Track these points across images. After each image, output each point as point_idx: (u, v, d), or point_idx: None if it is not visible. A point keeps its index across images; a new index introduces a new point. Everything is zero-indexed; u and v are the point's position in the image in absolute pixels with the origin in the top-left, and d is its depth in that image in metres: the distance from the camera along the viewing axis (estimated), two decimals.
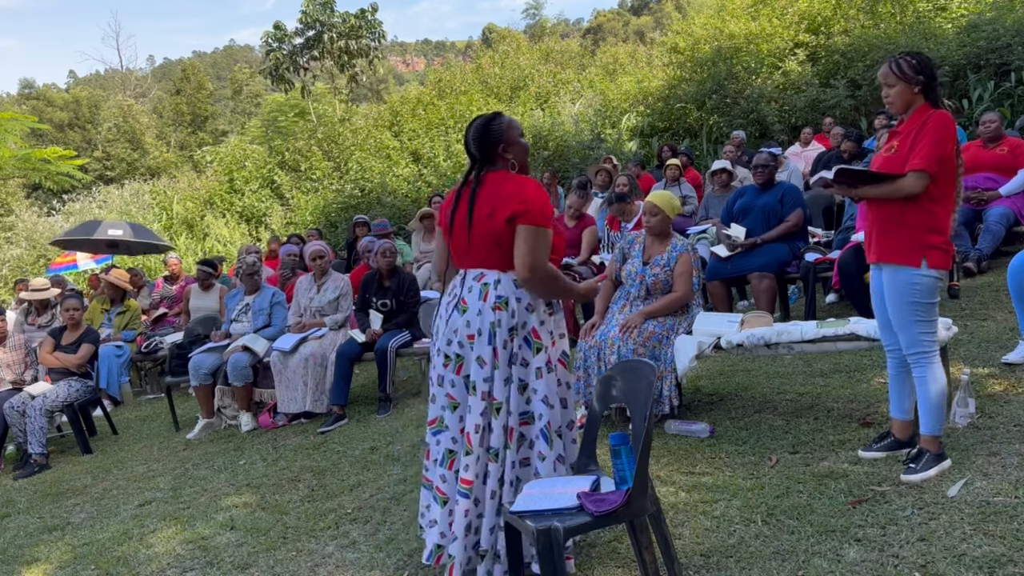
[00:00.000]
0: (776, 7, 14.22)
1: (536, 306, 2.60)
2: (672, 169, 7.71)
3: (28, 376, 6.08)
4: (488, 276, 2.59)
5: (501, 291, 2.56)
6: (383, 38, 22.23)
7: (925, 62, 2.85)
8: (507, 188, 2.53)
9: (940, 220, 2.82)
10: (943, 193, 2.81)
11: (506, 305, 2.55)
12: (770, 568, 2.43)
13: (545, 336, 2.60)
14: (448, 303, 2.68)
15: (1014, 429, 3.14)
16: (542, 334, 2.59)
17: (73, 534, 4.01)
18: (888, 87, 2.88)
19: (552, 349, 2.62)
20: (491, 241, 2.55)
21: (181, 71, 48.10)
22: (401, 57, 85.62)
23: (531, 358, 2.57)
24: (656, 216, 4.23)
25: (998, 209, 5.64)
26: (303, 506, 3.80)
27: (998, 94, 10.68)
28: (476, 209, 2.57)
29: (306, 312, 5.93)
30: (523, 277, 2.52)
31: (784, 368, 4.70)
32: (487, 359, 2.54)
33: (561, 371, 2.66)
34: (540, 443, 2.56)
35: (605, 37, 47.39)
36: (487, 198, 2.56)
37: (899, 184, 2.78)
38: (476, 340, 2.56)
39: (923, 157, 2.74)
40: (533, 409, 2.57)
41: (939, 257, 2.82)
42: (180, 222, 18.07)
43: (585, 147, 14.56)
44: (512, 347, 2.55)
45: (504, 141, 2.61)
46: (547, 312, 2.64)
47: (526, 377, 2.58)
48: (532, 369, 2.57)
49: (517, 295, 2.57)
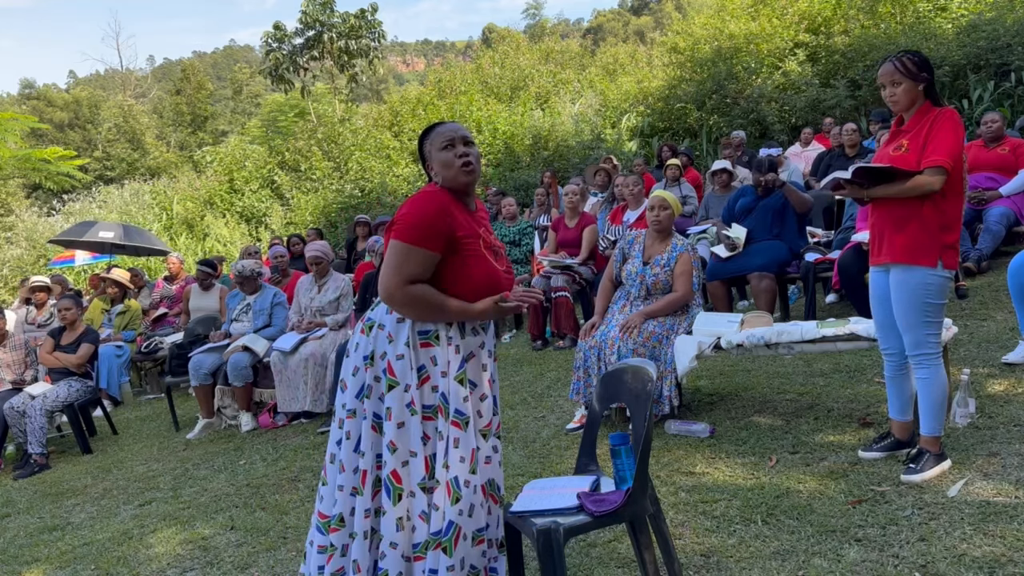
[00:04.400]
0: (776, 7, 14.22)
1: (397, 336, 2.22)
2: (672, 169, 7.72)
3: (28, 376, 6.08)
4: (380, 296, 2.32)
5: (374, 313, 2.30)
6: (383, 38, 22.23)
7: (926, 60, 2.85)
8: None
9: (952, 218, 2.80)
10: (954, 190, 2.79)
11: (369, 330, 2.28)
12: (770, 568, 2.43)
13: (405, 374, 2.19)
14: None
15: (1014, 429, 3.14)
16: (398, 370, 2.20)
17: (73, 534, 4.01)
18: (894, 85, 2.84)
19: (417, 390, 2.19)
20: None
21: (181, 71, 48.10)
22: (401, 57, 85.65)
23: (384, 394, 2.21)
24: (666, 211, 4.24)
25: (998, 209, 5.64)
26: (303, 506, 3.80)
27: (998, 94, 10.69)
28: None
29: (306, 312, 5.94)
30: (383, 300, 2.23)
31: (784, 368, 4.70)
32: (347, 383, 2.30)
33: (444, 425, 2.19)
34: (383, 495, 2.19)
35: (605, 37, 47.41)
36: None
37: (918, 181, 2.74)
38: (345, 361, 2.34)
39: (942, 152, 2.71)
40: (381, 453, 2.22)
41: (952, 256, 2.81)
42: (180, 222, 18.06)
43: (585, 147, 14.56)
44: (364, 377, 2.25)
45: (426, 156, 2.35)
46: (416, 345, 2.22)
47: (379, 415, 2.24)
48: (383, 408, 2.22)
49: (383, 320, 2.26)
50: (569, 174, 12.44)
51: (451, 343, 2.25)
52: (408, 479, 2.18)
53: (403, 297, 2.17)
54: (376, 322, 2.28)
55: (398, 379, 2.20)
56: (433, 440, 2.21)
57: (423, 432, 2.20)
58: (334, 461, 2.31)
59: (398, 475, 2.17)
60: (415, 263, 2.17)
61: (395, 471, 2.17)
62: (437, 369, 2.24)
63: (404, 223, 2.19)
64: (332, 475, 2.31)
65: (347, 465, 2.27)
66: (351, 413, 2.28)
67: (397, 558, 2.16)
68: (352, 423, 2.28)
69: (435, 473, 2.18)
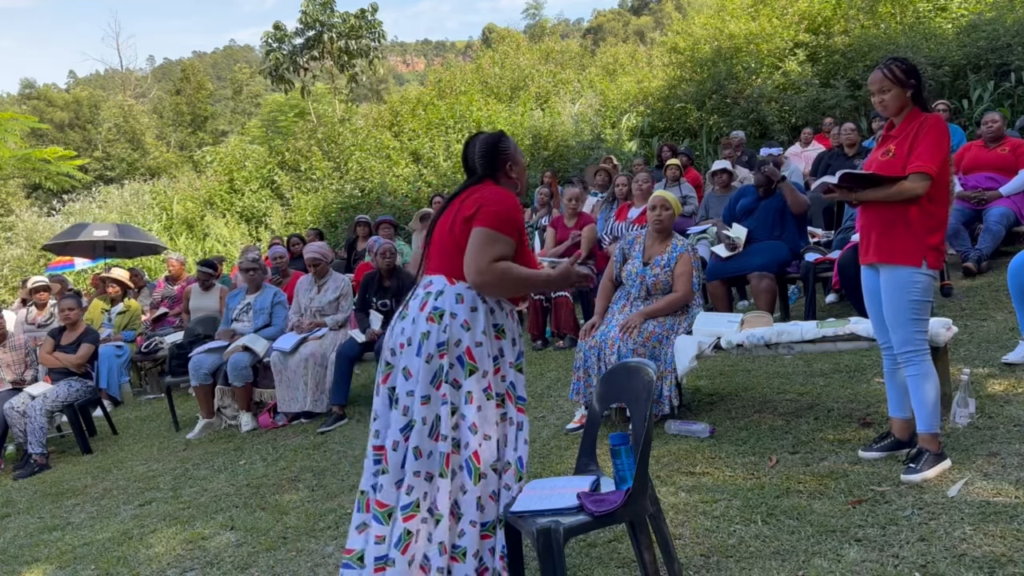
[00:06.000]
0: (776, 7, 14.22)
1: (473, 325, 2.39)
2: (672, 169, 7.71)
3: (28, 376, 6.08)
4: (434, 285, 2.46)
5: (440, 302, 2.40)
6: (383, 38, 22.23)
7: (913, 67, 2.94)
8: (478, 194, 2.47)
9: (939, 221, 2.89)
10: (940, 194, 2.88)
11: (440, 318, 2.37)
12: (770, 568, 2.43)
13: (483, 360, 2.38)
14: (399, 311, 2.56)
15: (1014, 429, 3.14)
16: (478, 356, 2.37)
17: (73, 534, 4.01)
18: (883, 92, 2.93)
19: (494, 376, 2.40)
20: (449, 245, 2.46)
21: (181, 71, 48.08)
22: (401, 57, 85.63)
23: (463, 379, 2.36)
24: (667, 211, 4.24)
25: (998, 209, 5.64)
26: (303, 506, 3.80)
27: (998, 94, 10.69)
28: (445, 214, 2.53)
29: (306, 312, 5.94)
30: (472, 280, 2.38)
31: (784, 368, 4.70)
32: (413, 371, 2.38)
33: (512, 410, 2.44)
34: (463, 475, 2.33)
35: (605, 37, 47.41)
36: (458, 203, 2.50)
37: (903, 186, 2.82)
38: (405, 350, 2.41)
39: (926, 159, 2.79)
40: (460, 436, 2.34)
41: (937, 257, 2.89)
42: (180, 222, 18.06)
43: (585, 147, 14.56)
44: (440, 363, 2.35)
45: (512, 159, 2.60)
46: (491, 334, 2.43)
47: (457, 400, 2.36)
48: (463, 392, 2.35)
49: (454, 310, 2.38)
50: (569, 174, 12.43)
51: (510, 335, 2.50)
52: (483, 460, 2.34)
53: (492, 273, 2.37)
54: (446, 310, 2.39)
55: (478, 365, 2.37)
56: (503, 424, 2.42)
57: (497, 416, 2.40)
58: (398, 448, 2.36)
59: (478, 456, 2.32)
60: (500, 247, 2.39)
61: (476, 452, 2.32)
62: (505, 360, 2.47)
63: (490, 214, 2.40)
64: (395, 462, 2.36)
65: (424, 450, 2.34)
66: (425, 399, 2.36)
67: (476, 536, 2.28)
68: (426, 409, 2.35)
69: (505, 455, 2.40)
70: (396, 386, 2.41)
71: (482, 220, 2.39)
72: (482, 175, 2.56)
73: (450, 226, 2.47)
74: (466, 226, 2.42)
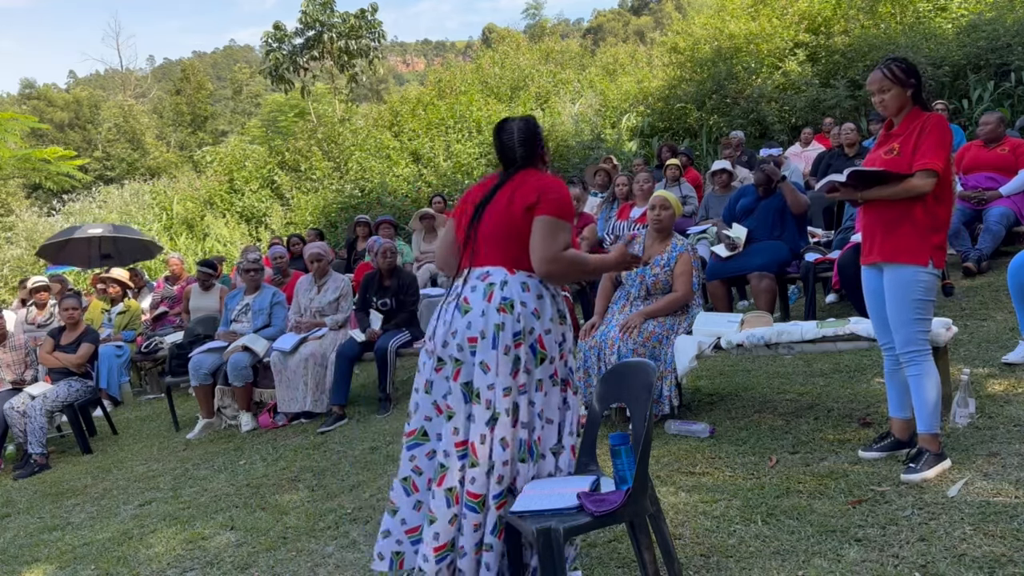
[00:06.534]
0: (776, 7, 14.22)
1: (543, 312, 2.46)
2: (672, 169, 7.71)
3: (28, 376, 6.08)
4: (494, 275, 2.46)
5: (507, 292, 2.42)
6: (383, 38, 22.22)
7: (913, 66, 2.94)
8: (531, 181, 2.50)
9: (942, 220, 2.89)
10: (945, 193, 2.88)
11: (511, 308, 2.40)
12: (770, 568, 2.43)
13: (552, 347, 2.46)
14: (448, 303, 2.54)
15: (1014, 429, 3.14)
16: (548, 344, 2.45)
17: (73, 534, 4.01)
18: (882, 92, 2.93)
19: (559, 362, 2.49)
20: (505, 234, 2.46)
21: (181, 71, 48.09)
22: (401, 57, 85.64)
23: (534, 368, 2.43)
24: (667, 210, 4.25)
25: (998, 209, 5.64)
26: (303, 506, 3.80)
27: (998, 94, 10.69)
28: (494, 203, 2.51)
29: (306, 312, 5.94)
30: (542, 269, 2.42)
31: (784, 368, 4.70)
32: (491, 364, 2.39)
33: (570, 395, 2.53)
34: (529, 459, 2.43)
35: (605, 37, 47.43)
36: (509, 192, 2.50)
37: (910, 183, 2.82)
38: (480, 343, 2.40)
39: (933, 157, 2.80)
40: (532, 422, 2.44)
41: (940, 256, 2.90)
42: (180, 222, 18.06)
43: (585, 147, 14.56)
44: (517, 353, 2.40)
45: (544, 144, 2.64)
46: (557, 321, 2.50)
47: (529, 387, 2.43)
48: (534, 380, 2.43)
49: (523, 299, 2.43)
50: (569, 174, 12.43)
51: (568, 321, 2.55)
52: (544, 443, 2.45)
53: (563, 261, 2.43)
54: (515, 300, 2.42)
55: (547, 352, 2.45)
56: (563, 409, 2.50)
57: (559, 401, 2.49)
58: (485, 441, 2.37)
59: (541, 439, 2.45)
60: (565, 234, 2.45)
61: (540, 436, 2.45)
62: (567, 345, 2.54)
63: (553, 202, 2.44)
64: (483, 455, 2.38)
65: (508, 440, 2.39)
66: (506, 391, 2.39)
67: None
68: (508, 400, 2.40)
69: (563, 439, 2.50)
70: (472, 381, 2.42)
71: (546, 208, 2.43)
72: (523, 163, 2.57)
73: (506, 216, 2.46)
74: (528, 215, 2.44)
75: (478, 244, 2.52)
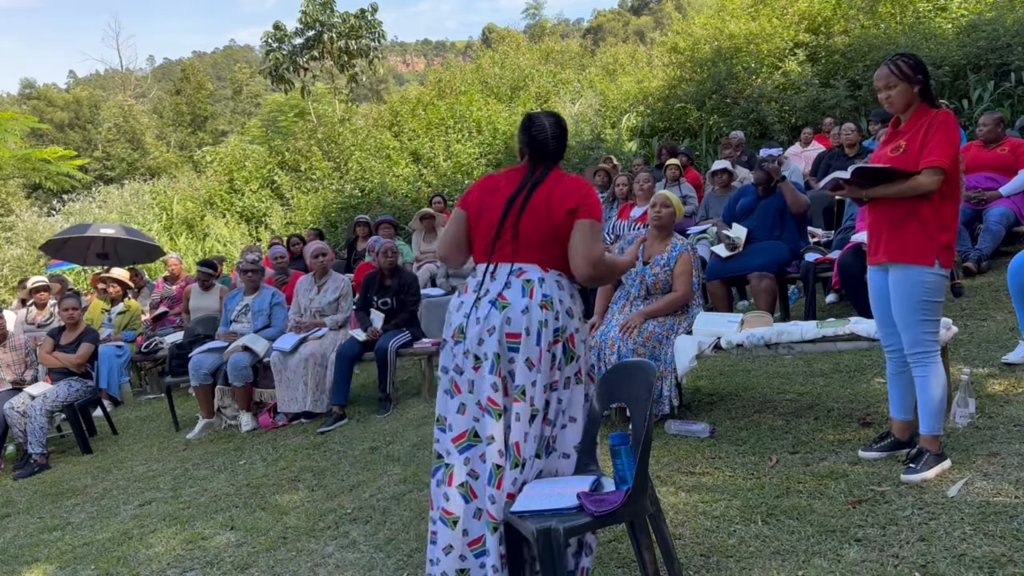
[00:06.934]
0: (776, 7, 14.21)
1: (575, 311, 2.50)
2: (672, 169, 7.71)
3: (28, 376, 6.08)
4: (530, 272, 2.45)
5: (546, 290, 2.44)
6: (383, 38, 22.22)
7: (920, 63, 2.89)
8: (566, 183, 2.50)
9: (950, 218, 2.84)
10: (952, 191, 2.83)
11: (551, 305, 2.42)
12: (770, 568, 2.43)
13: (579, 346, 2.50)
14: (476, 299, 2.48)
15: (1014, 429, 3.14)
16: (577, 343, 2.49)
17: (73, 534, 4.01)
18: (889, 88, 2.88)
19: (583, 360, 2.52)
20: (547, 234, 2.45)
21: (181, 71, 48.11)
22: (401, 57, 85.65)
23: (564, 365, 2.46)
24: (667, 208, 4.25)
25: (998, 209, 5.64)
26: (303, 506, 3.80)
27: (998, 94, 10.68)
28: (532, 200, 2.48)
29: (306, 312, 5.93)
30: (586, 272, 2.44)
31: (784, 368, 4.70)
32: (535, 361, 2.39)
33: (591, 390, 2.58)
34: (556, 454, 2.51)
35: (605, 37, 47.43)
36: (546, 191, 2.48)
37: (916, 181, 2.77)
38: (524, 340, 2.39)
39: (940, 154, 2.74)
40: (556, 419, 2.49)
41: (949, 256, 2.84)
42: (180, 222, 18.05)
43: (585, 147, 14.54)
44: (554, 351, 2.42)
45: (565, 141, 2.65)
46: (581, 320, 2.54)
47: (559, 385, 2.46)
48: (563, 377, 2.46)
49: (560, 296, 2.45)
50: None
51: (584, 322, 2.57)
52: (567, 442, 2.49)
53: (603, 264, 2.47)
54: (554, 297, 2.44)
55: (576, 351, 2.49)
56: (585, 407, 2.54)
57: (581, 398, 2.52)
58: (527, 440, 2.39)
59: (558, 437, 2.49)
60: (601, 238, 2.49)
61: (556, 434, 2.48)
62: (588, 343, 2.61)
63: (593, 206, 2.47)
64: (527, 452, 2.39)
65: (536, 438, 2.43)
66: (545, 388, 2.43)
67: None
68: (545, 396, 2.43)
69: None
70: (515, 377, 2.40)
71: (588, 212, 2.46)
72: (556, 158, 2.60)
73: (547, 216, 2.45)
74: (569, 217, 2.45)
75: (519, 240, 2.47)
